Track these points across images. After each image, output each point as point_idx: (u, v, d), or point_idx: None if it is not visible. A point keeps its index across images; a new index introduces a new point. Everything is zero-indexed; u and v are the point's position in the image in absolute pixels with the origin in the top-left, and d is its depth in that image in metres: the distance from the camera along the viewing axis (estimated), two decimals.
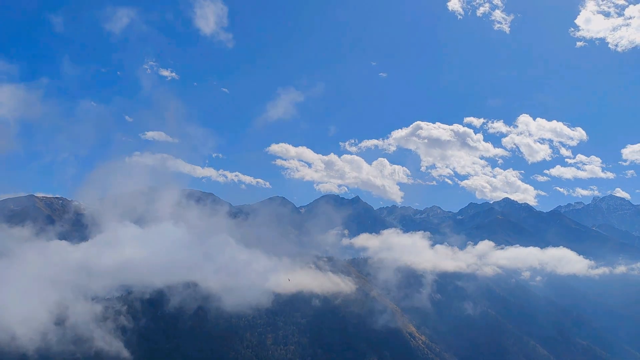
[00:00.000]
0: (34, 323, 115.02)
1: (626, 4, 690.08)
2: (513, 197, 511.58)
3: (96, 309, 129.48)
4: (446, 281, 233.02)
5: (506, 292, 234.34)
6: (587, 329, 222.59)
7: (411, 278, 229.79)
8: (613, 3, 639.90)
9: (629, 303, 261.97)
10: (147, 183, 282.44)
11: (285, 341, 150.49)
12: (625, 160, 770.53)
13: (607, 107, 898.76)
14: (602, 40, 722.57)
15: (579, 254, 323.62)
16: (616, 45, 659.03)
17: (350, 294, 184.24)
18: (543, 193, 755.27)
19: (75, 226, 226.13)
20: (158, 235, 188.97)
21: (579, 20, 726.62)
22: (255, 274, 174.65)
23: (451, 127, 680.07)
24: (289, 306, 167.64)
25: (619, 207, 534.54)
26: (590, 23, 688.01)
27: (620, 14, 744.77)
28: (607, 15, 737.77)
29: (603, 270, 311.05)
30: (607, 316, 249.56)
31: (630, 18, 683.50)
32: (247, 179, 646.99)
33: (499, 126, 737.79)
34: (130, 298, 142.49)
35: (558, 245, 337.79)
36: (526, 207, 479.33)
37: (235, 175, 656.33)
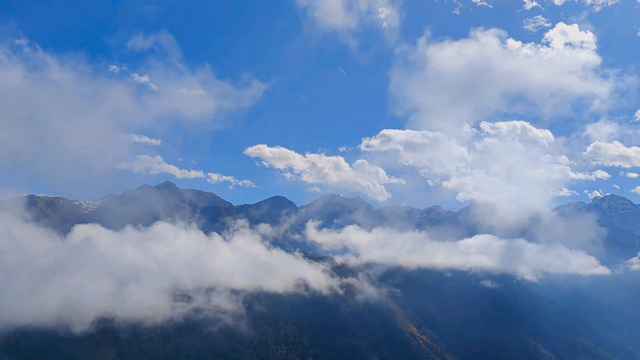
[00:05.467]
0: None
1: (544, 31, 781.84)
2: (502, 197, 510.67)
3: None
4: (447, 280, 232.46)
5: (507, 291, 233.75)
6: (588, 328, 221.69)
7: (411, 277, 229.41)
8: (535, 27, 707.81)
9: (630, 303, 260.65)
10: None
11: (285, 341, 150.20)
12: (594, 160, 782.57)
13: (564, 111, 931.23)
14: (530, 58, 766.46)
15: (580, 253, 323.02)
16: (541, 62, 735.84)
17: (351, 293, 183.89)
18: (525, 194, 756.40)
19: None
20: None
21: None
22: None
23: (422, 132, 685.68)
24: (289, 305, 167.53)
25: (620, 206, 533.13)
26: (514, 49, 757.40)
27: (537, 42, 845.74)
28: (526, 41, 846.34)
29: (604, 269, 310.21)
30: (609, 316, 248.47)
31: (549, 42, 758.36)
32: (231, 179, 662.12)
33: (467, 129, 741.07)
34: None
35: (559, 245, 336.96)
36: (526, 207, 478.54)
37: (220, 177, 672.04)
